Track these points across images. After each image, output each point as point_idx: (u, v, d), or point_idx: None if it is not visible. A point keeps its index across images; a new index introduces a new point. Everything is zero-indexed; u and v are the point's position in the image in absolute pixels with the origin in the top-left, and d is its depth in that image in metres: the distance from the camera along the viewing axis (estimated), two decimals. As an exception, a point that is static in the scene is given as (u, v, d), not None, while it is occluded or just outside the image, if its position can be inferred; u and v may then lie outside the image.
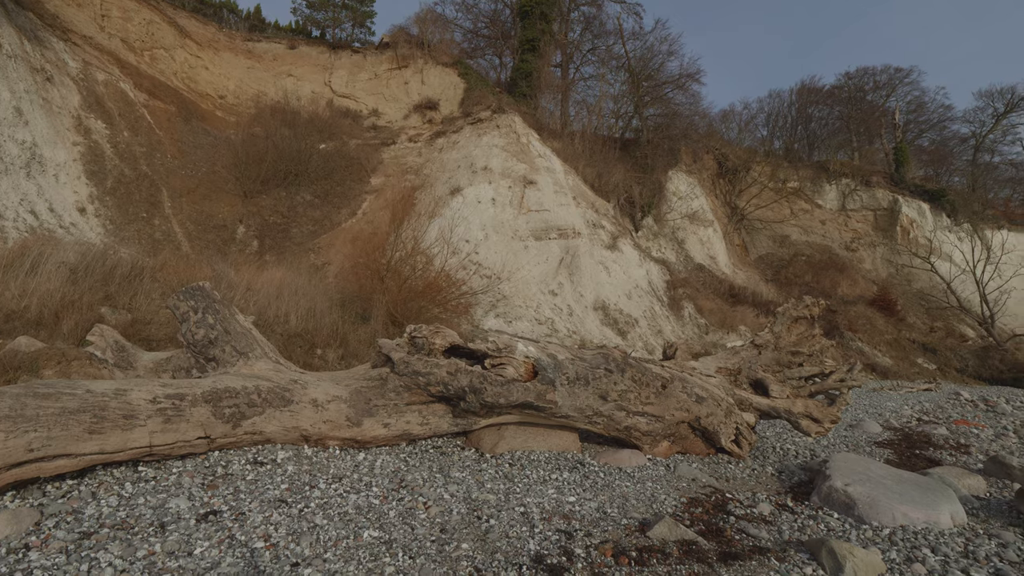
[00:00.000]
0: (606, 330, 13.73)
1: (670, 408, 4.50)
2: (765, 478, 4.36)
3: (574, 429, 4.61)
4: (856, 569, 2.49)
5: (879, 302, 24.64)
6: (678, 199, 23.94)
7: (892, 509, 3.39)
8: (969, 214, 31.16)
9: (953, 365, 21.51)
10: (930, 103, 38.81)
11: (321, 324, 7.17)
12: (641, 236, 21.08)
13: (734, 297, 20.03)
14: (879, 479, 3.78)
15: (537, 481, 3.69)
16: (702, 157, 28.09)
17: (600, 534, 2.86)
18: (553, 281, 14.60)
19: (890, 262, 29.06)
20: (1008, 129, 39.46)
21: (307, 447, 3.97)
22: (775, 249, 29.14)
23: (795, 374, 5.05)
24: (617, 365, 4.38)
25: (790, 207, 30.43)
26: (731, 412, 4.71)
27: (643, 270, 17.08)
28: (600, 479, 3.84)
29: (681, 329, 16.06)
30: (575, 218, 16.46)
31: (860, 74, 38.54)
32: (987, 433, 8.32)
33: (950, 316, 25.44)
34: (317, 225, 13.15)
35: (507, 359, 4.10)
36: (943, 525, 3.35)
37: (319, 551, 2.51)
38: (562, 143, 20.15)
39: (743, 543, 2.85)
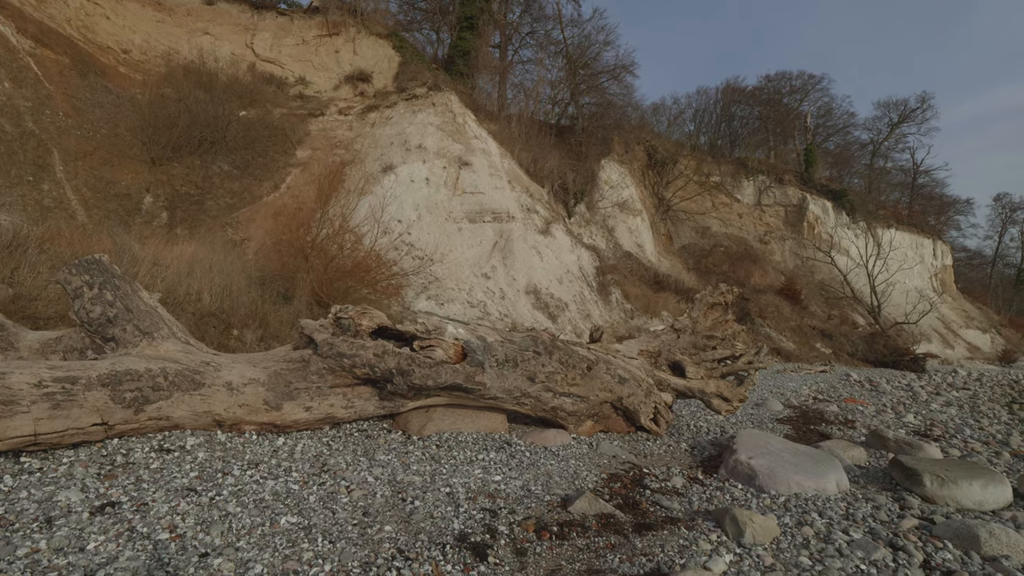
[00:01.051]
0: (537, 314, 13.96)
1: (595, 389, 4.66)
2: (679, 453, 4.64)
3: (502, 410, 4.67)
4: (755, 534, 2.72)
5: (786, 291, 26.74)
6: (610, 188, 24.57)
7: (788, 479, 3.73)
8: (865, 213, 34.40)
9: (845, 349, 23.78)
10: (837, 109, 42.19)
11: (239, 303, 6.76)
12: (573, 222, 21.50)
13: (658, 284, 20.98)
14: (778, 452, 4.14)
15: (464, 462, 3.71)
16: (633, 148, 28.96)
17: (524, 511, 2.94)
18: (486, 264, 14.61)
19: (797, 255, 31.55)
20: (900, 138, 43.77)
21: (221, 433, 3.76)
22: (697, 239, 30.70)
23: (709, 357, 5.39)
24: (545, 347, 4.46)
25: (712, 200, 32.16)
26: (651, 392, 4.95)
27: (574, 256, 17.46)
28: (526, 458, 3.92)
29: (609, 313, 16.63)
30: (510, 202, 16.50)
31: (779, 78, 41.13)
32: (870, 410, 9.30)
33: (845, 305, 28.08)
34: (236, 198, 12.30)
35: (436, 341, 4.06)
36: (830, 492, 3.72)
37: (231, 540, 2.40)
38: (499, 126, 20.04)
39: (657, 514, 3.02)
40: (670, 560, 2.46)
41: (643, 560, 2.44)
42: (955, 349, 31.44)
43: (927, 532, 3.09)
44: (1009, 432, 7.59)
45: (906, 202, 43.41)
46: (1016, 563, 2.72)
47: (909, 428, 7.50)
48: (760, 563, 2.49)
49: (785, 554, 2.63)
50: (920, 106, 41.67)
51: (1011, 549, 2.81)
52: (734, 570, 2.40)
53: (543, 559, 2.43)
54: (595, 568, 2.36)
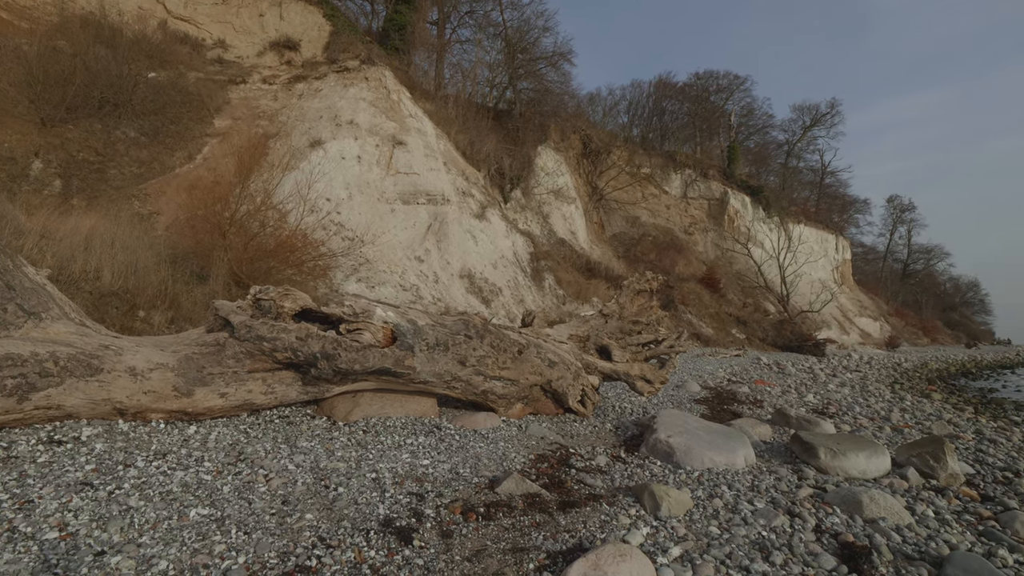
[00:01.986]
0: (471, 298, 13.93)
1: (525, 372, 4.73)
2: (604, 433, 4.82)
3: (433, 394, 4.63)
4: (670, 507, 2.88)
5: (707, 280, 28.34)
6: (545, 175, 24.80)
7: (702, 455, 3.97)
8: (778, 209, 36.98)
9: (757, 335, 25.61)
10: (758, 110, 44.81)
11: (146, 282, 6.21)
12: (509, 208, 21.54)
13: (590, 271, 21.54)
14: (694, 431, 4.39)
15: (392, 447, 3.65)
16: (569, 136, 29.34)
17: (451, 494, 2.93)
18: (420, 247, 14.35)
19: (718, 246, 33.45)
20: (811, 140, 47.25)
21: (123, 422, 3.46)
22: (627, 229, 31.74)
23: (634, 341, 5.61)
24: (477, 331, 4.46)
25: (642, 191, 33.32)
26: (579, 375, 5.09)
27: (509, 241, 17.54)
28: (455, 442, 3.92)
29: (542, 299, 16.89)
30: (445, 184, 16.25)
31: (707, 76, 43.01)
32: (776, 391, 10.10)
33: (758, 294, 30.17)
34: (144, 168, 11.26)
35: (364, 324, 3.94)
36: (738, 466, 4.01)
37: (132, 536, 2.22)
38: (435, 105, 19.61)
39: (581, 492, 3.12)
40: (592, 535, 2.55)
41: (566, 536, 2.52)
42: (850, 335, 34.74)
43: (820, 499, 3.41)
44: (891, 409, 8.51)
45: (814, 200, 47.08)
46: (891, 523, 3.06)
47: (809, 407, 8.22)
48: (674, 534, 2.64)
49: (697, 525, 2.80)
50: (829, 111, 45.16)
51: (887, 512, 3.16)
52: (650, 542, 2.53)
53: (469, 540, 2.45)
54: (520, 546, 2.40)
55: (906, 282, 55.64)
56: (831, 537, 2.80)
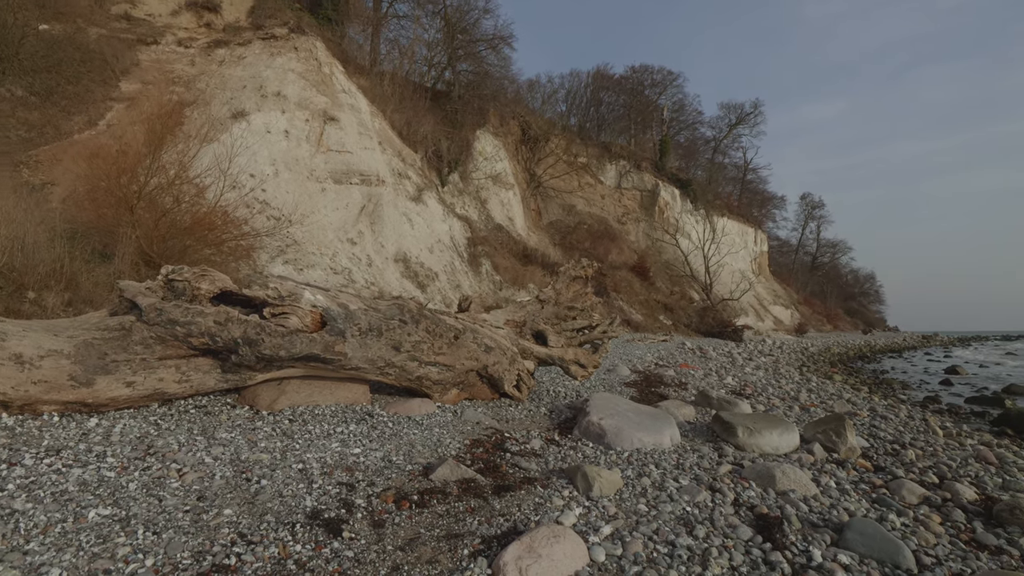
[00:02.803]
0: (406, 282, 13.64)
1: (461, 358, 4.68)
2: (539, 417, 4.88)
3: (365, 381, 4.48)
4: (602, 487, 2.95)
5: (637, 269, 29.40)
6: (484, 159, 24.61)
7: (632, 436, 4.11)
8: (705, 202, 38.86)
9: (683, 321, 26.93)
10: (688, 106, 46.62)
11: (36, 260, 5.54)
12: (447, 192, 21.22)
13: (527, 257, 21.71)
14: (624, 413, 4.54)
15: (320, 436, 3.50)
16: (508, 122, 29.22)
17: (384, 482, 2.85)
18: (353, 229, 13.85)
19: (648, 236, 34.72)
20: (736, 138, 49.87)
21: (7, 415, 3.09)
22: (563, 217, 32.21)
23: (569, 326, 5.71)
24: (412, 316, 4.35)
25: (579, 180, 33.89)
26: (515, 360, 5.11)
27: (446, 225, 17.30)
28: (388, 429, 3.82)
29: (478, 284, 16.84)
30: (380, 165, 15.72)
31: (642, 70, 44.15)
32: (699, 374, 10.66)
33: (685, 282, 31.69)
34: (34, 131, 10.04)
35: (291, 308, 3.73)
36: (665, 446, 4.19)
37: (17, 543, 1.98)
38: (370, 82, 18.85)
39: (516, 475, 3.14)
40: (526, 518, 2.56)
41: (501, 520, 2.52)
42: (765, 322, 37.33)
43: (738, 475, 3.62)
44: (799, 390, 9.23)
45: (737, 195, 49.88)
46: (799, 495, 3.30)
47: (728, 388, 8.75)
48: (605, 513, 2.71)
49: (627, 503, 2.90)
50: (753, 111, 47.81)
51: (796, 484, 3.41)
52: (583, 522, 2.58)
53: (402, 529, 2.39)
54: (454, 532, 2.37)
55: (814, 273, 60.49)
56: (748, 510, 2.98)
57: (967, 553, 2.68)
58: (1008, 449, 5.39)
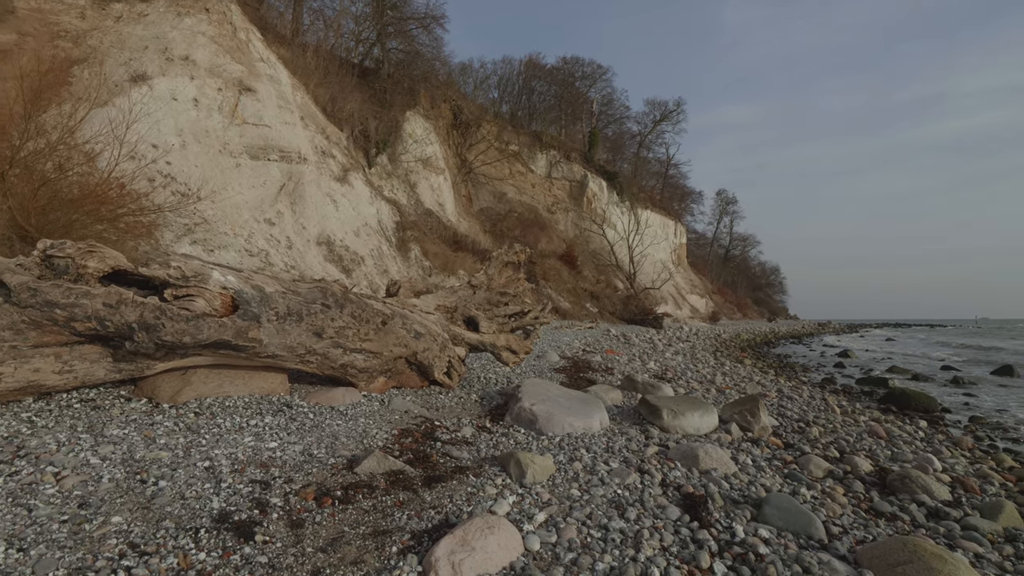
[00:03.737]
0: (329, 267, 13.00)
1: (389, 344, 4.47)
2: (470, 404, 4.78)
3: (283, 369, 4.17)
4: (535, 474, 2.91)
5: (566, 257, 29.98)
6: (414, 142, 23.93)
7: (562, 421, 4.12)
8: (630, 195, 40.23)
9: (608, 309, 27.83)
10: (616, 101, 47.86)
11: None
12: (374, 173, 20.44)
13: (457, 244, 21.43)
14: (555, 398, 4.55)
15: (232, 430, 3.19)
16: (440, 105, 28.58)
17: (303, 478, 2.63)
18: (271, 209, 12.97)
19: (577, 225, 35.46)
20: (660, 134, 51.92)
21: None
22: (494, 204, 32.13)
23: (501, 312, 5.63)
24: (336, 300, 4.08)
25: (510, 168, 33.88)
26: (445, 347, 4.97)
27: (374, 208, 16.66)
28: (309, 420, 3.57)
29: (407, 270, 16.41)
30: (302, 141, 14.81)
31: (573, 62, 44.72)
32: (624, 359, 11.01)
33: (610, 271, 32.74)
34: None
35: (197, 290, 3.36)
36: (595, 430, 4.23)
37: None
38: (292, 53, 17.66)
39: (447, 465, 3.02)
40: (459, 509, 2.46)
41: (432, 513, 2.39)
42: (683, 310, 39.45)
43: (664, 456, 3.73)
44: (715, 373, 9.79)
45: (659, 189, 52.08)
46: (721, 473, 3.44)
47: (651, 372, 9.10)
48: (539, 500, 2.67)
49: (560, 488, 2.87)
50: (676, 109, 49.94)
51: (718, 463, 3.55)
52: (517, 510, 2.52)
53: (323, 528, 2.21)
54: (382, 529, 2.22)
55: (726, 265, 64.67)
56: (675, 489, 3.06)
57: (868, 521, 2.90)
58: (894, 424, 5.98)
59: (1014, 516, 3.02)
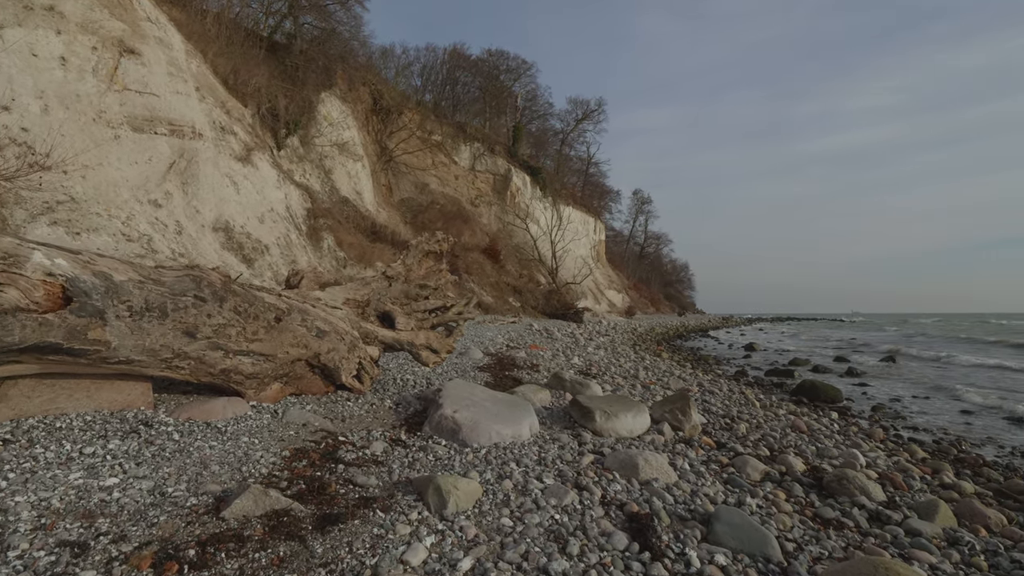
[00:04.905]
0: (228, 255, 11.66)
1: (285, 344, 3.77)
2: (383, 412, 4.20)
3: (145, 377, 3.36)
4: (458, 501, 2.42)
5: (489, 251, 29.60)
6: (329, 125, 22.41)
7: (489, 429, 3.66)
8: (552, 191, 40.58)
9: (530, 303, 27.83)
10: (540, 97, 48.08)
11: None
12: (283, 156, 18.84)
13: (375, 234, 20.33)
14: (481, 403, 4.08)
15: (53, 463, 2.40)
16: (358, 88, 27.04)
17: (144, 532, 1.95)
18: (158, 189, 11.39)
19: (500, 219, 35.19)
20: (582, 132, 52.91)
21: None
22: (416, 195, 31.07)
23: (421, 307, 5.07)
24: (214, 292, 3.33)
25: (432, 158, 32.89)
26: (355, 346, 4.34)
27: (282, 193, 15.28)
28: (172, 443, 2.83)
29: (319, 261, 15.23)
30: (197, 115, 13.18)
31: (499, 55, 44.33)
32: (547, 354, 10.77)
33: (533, 266, 32.80)
34: None
35: (7, 276, 2.52)
36: (524, 437, 3.82)
37: None
38: (187, 16, 15.72)
39: (349, 497, 2.44)
40: (359, 563, 1.91)
41: (322, 574, 1.83)
42: (601, 305, 40.52)
43: (601, 465, 3.38)
44: (637, 368, 9.78)
45: (580, 186, 53.12)
46: (662, 483, 3.14)
47: (576, 368, 8.89)
48: (464, 538, 2.18)
49: (488, 518, 2.40)
50: (597, 109, 51.05)
51: (658, 471, 3.26)
52: (436, 555, 2.02)
53: (163, 607, 1.58)
54: (251, 599, 1.63)
55: (641, 262, 67.47)
56: (618, 508, 2.70)
57: (817, 532, 2.70)
58: (810, 416, 6.13)
59: (948, 516, 2.97)
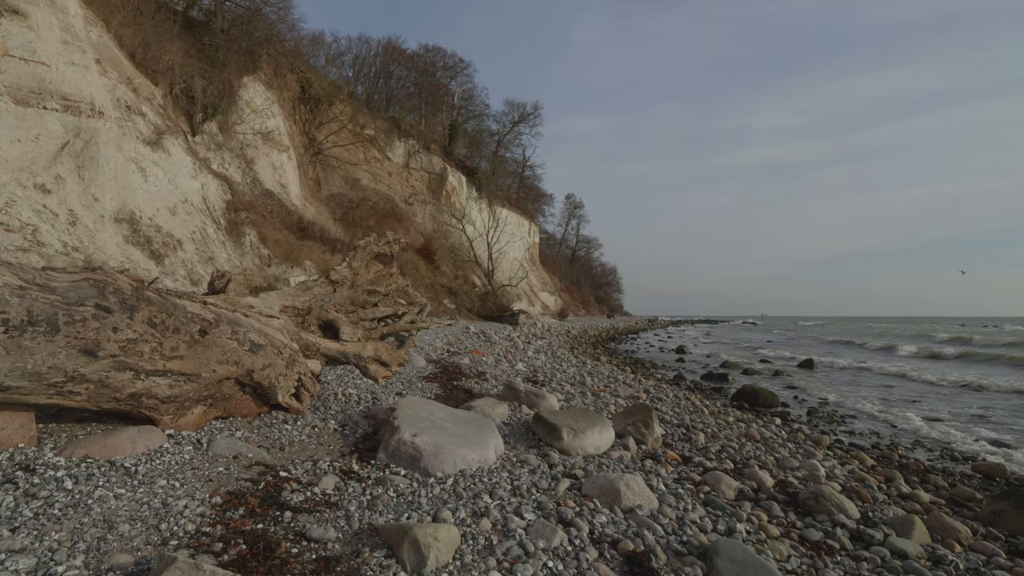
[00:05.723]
0: (133, 251, 10.37)
1: (211, 362, 3.20)
2: (328, 436, 3.70)
3: (26, 406, 2.69)
4: (438, 555, 2.05)
5: (424, 251, 28.86)
6: (252, 112, 20.83)
7: (453, 454, 3.29)
8: (488, 192, 40.36)
9: (466, 305, 27.41)
10: (477, 97, 47.75)
11: None
12: (200, 143, 17.23)
13: (302, 231, 19.11)
14: (441, 423, 3.69)
15: None
16: (285, 75, 25.39)
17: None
18: (46, 172, 9.92)
19: (435, 219, 34.46)
20: (517, 135, 53.12)
21: None
22: (346, 190, 29.70)
23: (369, 315, 4.59)
24: (122, 300, 2.73)
25: (365, 153, 31.59)
26: (294, 361, 3.80)
27: (198, 183, 13.90)
28: (64, 494, 2.23)
29: (240, 258, 14.00)
30: (98, 90, 11.66)
31: (435, 51, 43.52)
32: (490, 360, 10.46)
33: (468, 267, 32.37)
34: None
35: None
36: (491, 461, 3.48)
37: None
38: (84, -21, 13.92)
39: (304, 559, 1.99)
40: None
41: None
42: (535, 307, 40.79)
43: (579, 493, 3.11)
44: (582, 374, 9.68)
45: (516, 188, 53.32)
46: (646, 510, 2.92)
47: (522, 375, 8.64)
48: (450, 604, 1.82)
49: (474, 573, 2.05)
50: (533, 112, 51.43)
51: (640, 497, 3.04)
52: (421, 633, 1.64)
53: None
54: None
55: (573, 265, 68.86)
56: (611, 547, 2.43)
57: (812, 559, 2.58)
58: (758, 424, 6.24)
59: (923, 532, 2.98)
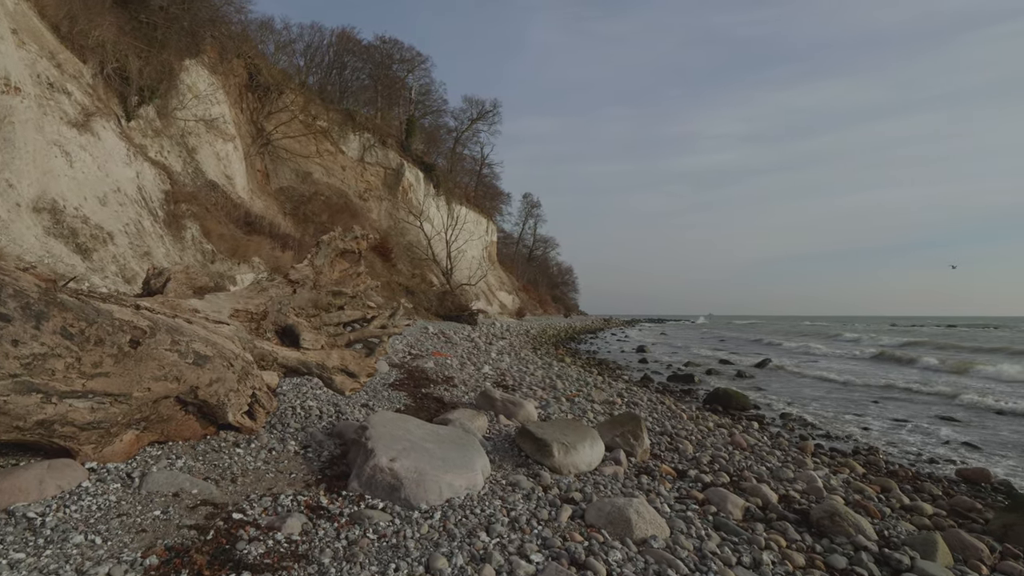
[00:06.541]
0: (55, 244, 9.27)
1: (146, 378, 2.64)
2: (288, 460, 3.19)
3: None
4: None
5: (379, 249, 27.88)
6: (195, 97, 19.42)
7: (439, 481, 2.87)
8: (446, 189, 39.64)
9: (423, 304, 26.69)
10: (435, 92, 46.82)
11: None
12: (136, 128, 15.85)
13: (250, 225, 17.95)
14: (420, 443, 3.26)
15: None
16: (232, 60, 23.87)
17: None
18: (-52, 153, 8.71)
19: (391, 215, 33.48)
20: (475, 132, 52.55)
21: None
22: (297, 184, 28.37)
23: (334, 319, 4.08)
24: (25, 305, 2.16)
25: (317, 146, 30.29)
26: (247, 374, 3.27)
27: (132, 171, 12.71)
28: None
29: (180, 254, 12.91)
30: (14, 64, 10.39)
31: (392, 43, 42.32)
32: (455, 363, 10.00)
33: (426, 266, 31.62)
34: None
35: None
36: (479, 486, 3.08)
37: None
38: (-2, -61, 12.44)
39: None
40: None
41: None
42: (493, 306, 40.41)
43: (582, 521, 2.77)
44: (551, 377, 9.38)
45: (474, 186, 52.73)
46: (661, 542, 2.61)
47: (490, 379, 8.25)
48: None
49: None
50: (492, 110, 50.98)
51: (652, 527, 2.72)
52: None
53: None
54: None
55: (530, 264, 68.91)
56: (635, 595, 2.09)
57: (849, 597, 2.34)
58: (737, 428, 6.10)
59: (946, 553, 2.81)
